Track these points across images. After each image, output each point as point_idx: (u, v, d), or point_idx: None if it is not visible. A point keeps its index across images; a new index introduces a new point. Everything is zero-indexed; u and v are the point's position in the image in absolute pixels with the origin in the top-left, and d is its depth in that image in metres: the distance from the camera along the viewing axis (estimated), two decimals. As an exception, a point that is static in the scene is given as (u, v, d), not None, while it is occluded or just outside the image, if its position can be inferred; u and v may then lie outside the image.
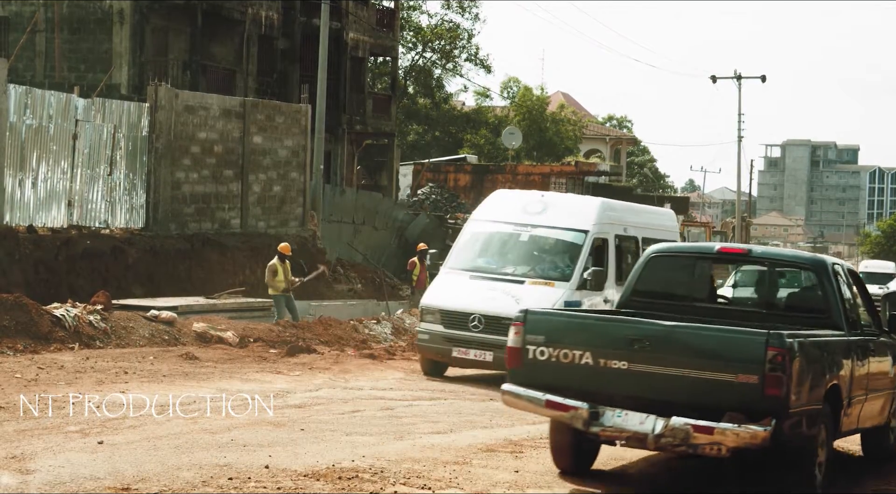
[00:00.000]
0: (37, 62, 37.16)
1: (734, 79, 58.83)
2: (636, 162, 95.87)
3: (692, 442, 8.96)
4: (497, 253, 18.65)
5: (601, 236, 18.68)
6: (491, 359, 17.13)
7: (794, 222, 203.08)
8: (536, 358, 9.64)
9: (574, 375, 9.50)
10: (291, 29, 43.63)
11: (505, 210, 19.16)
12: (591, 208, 18.98)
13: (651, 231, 20.30)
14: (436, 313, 17.91)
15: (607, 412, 9.34)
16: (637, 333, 9.36)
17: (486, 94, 74.52)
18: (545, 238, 18.53)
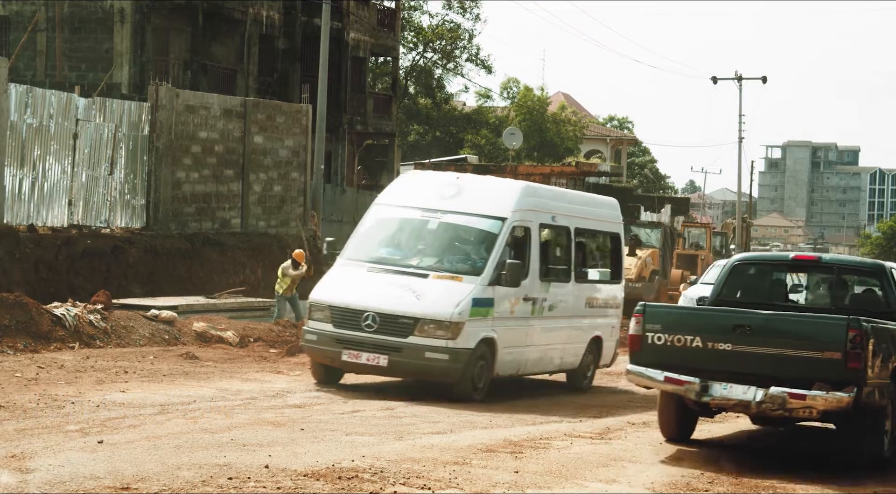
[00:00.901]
0: (38, 61, 37.17)
1: (735, 80, 58.84)
2: (637, 162, 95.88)
3: (788, 407, 11.18)
4: (401, 242, 16.44)
5: (522, 224, 16.37)
6: (386, 364, 15.07)
7: (795, 223, 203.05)
8: (654, 343, 11.74)
9: (686, 356, 11.57)
10: (292, 29, 43.64)
11: (414, 194, 16.78)
12: (511, 193, 16.58)
13: (589, 221, 18.33)
14: (325, 310, 15.59)
15: (715, 385, 11.45)
16: (740, 320, 11.48)
17: (487, 95, 74.55)
18: (457, 226, 16.21)
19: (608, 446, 12.29)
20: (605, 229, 19.03)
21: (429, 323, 15.02)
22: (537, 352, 16.84)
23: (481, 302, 15.41)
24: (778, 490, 10.65)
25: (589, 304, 18.20)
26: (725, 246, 51.85)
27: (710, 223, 65.48)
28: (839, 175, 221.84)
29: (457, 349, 15.06)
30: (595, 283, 18.57)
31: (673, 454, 12.10)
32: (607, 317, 18.83)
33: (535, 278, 16.59)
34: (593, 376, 18.64)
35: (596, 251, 19.09)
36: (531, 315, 16.51)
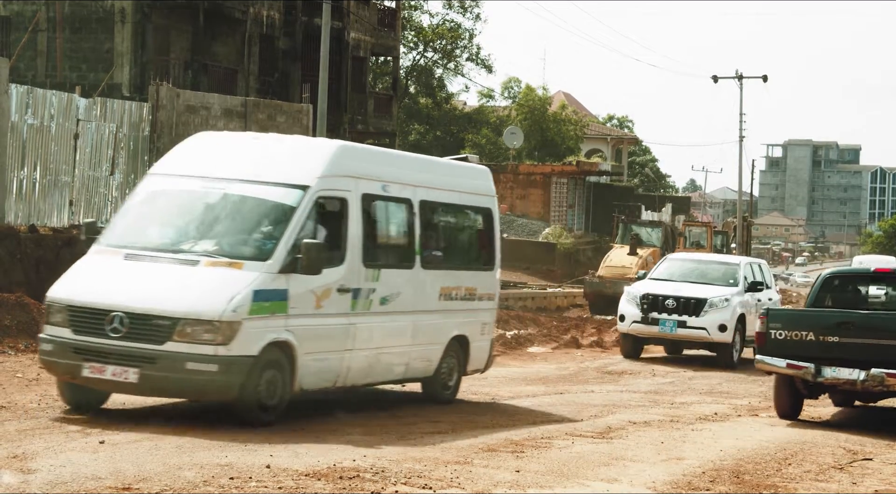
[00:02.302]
0: (38, 62, 37.17)
1: (736, 78, 58.82)
2: (637, 162, 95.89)
3: (886, 384, 14.24)
4: (174, 222, 12.93)
5: (335, 195, 12.98)
6: (136, 380, 11.61)
7: (796, 222, 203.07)
8: (776, 338, 14.77)
9: (802, 347, 14.61)
10: (293, 28, 43.64)
11: (198, 159, 13.38)
12: (320, 155, 13.13)
13: (443, 193, 15.00)
14: (63, 311, 12.15)
15: (826, 368, 14.45)
16: (845, 318, 14.63)
17: (489, 95, 74.58)
18: (245, 198, 12.79)
19: (609, 445, 12.29)
20: (471, 203, 15.65)
21: (191, 323, 11.51)
22: (365, 358, 13.36)
23: (268, 294, 11.97)
24: (779, 489, 10.65)
25: (445, 296, 14.84)
26: (726, 245, 51.81)
27: (710, 222, 65.48)
28: (840, 174, 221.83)
29: (231, 357, 11.54)
30: (454, 270, 15.15)
31: (674, 453, 12.10)
32: (476, 312, 15.45)
33: (356, 263, 13.10)
34: (458, 385, 15.40)
35: (458, 230, 15.81)
36: (352, 310, 13.03)
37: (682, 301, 22.74)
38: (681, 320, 22.66)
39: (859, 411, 16.98)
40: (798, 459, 12.25)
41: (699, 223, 55.38)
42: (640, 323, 22.96)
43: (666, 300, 22.79)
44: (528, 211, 55.36)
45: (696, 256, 27.88)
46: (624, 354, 23.62)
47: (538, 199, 56.95)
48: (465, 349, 15.29)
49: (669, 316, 22.69)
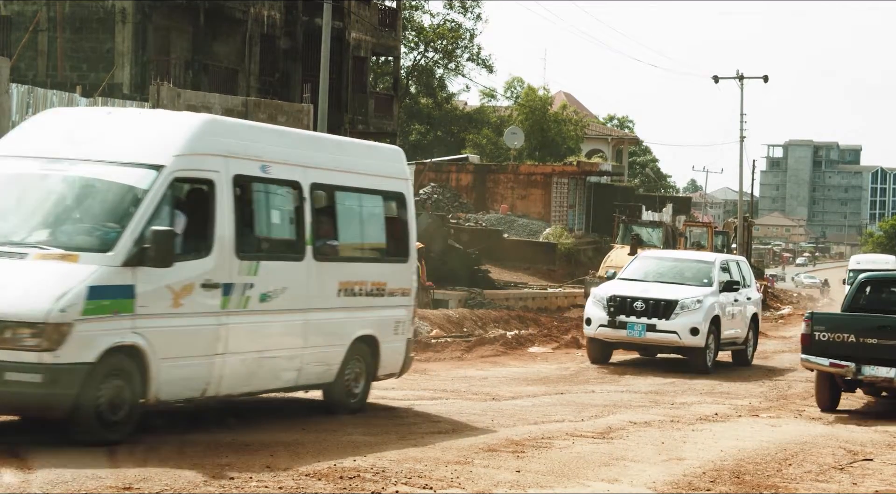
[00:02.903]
0: (39, 61, 37.17)
1: (736, 79, 58.81)
2: (638, 162, 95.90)
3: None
4: (6, 209, 11.26)
5: (198, 176, 11.40)
6: None
7: (797, 222, 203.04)
8: (820, 340, 16.05)
9: (843, 348, 15.89)
10: (294, 28, 43.65)
11: (40, 139, 11.66)
12: (180, 131, 11.47)
13: (342, 175, 13.34)
14: None
15: (865, 367, 15.77)
16: (884, 322, 15.90)
17: (491, 95, 74.62)
18: (87, 181, 11.16)
19: (610, 445, 12.29)
20: (379, 187, 14.00)
21: (11, 326, 9.98)
22: (242, 363, 11.75)
23: (108, 291, 10.39)
24: (779, 489, 10.65)
25: (346, 291, 13.19)
26: (727, 245, 51.80)
27: (711, 222, 65.47)
28: (841, 174, 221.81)
29: (59, 365, 9.98)
30: (357, 262, 13.66)
31: (675, 453, 12.10)
32: (386, 309, 13.83)
33: (227, 255, 11.47)
34: (367, 391, 13.78)
35: (362, 218, 14.06)
36: (223, 308, 11.44)
37: (652, 303, 21.10)
38: (650, 323, 20.99)
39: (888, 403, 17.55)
40: (798, 459, 12.25)
41: (700, 223, 55.37)
42: (606, 327, 21.23)
43: (634, 302, 21.15)
44: (529, 211, 55.34)
45: (669, 254, 26.21)
46: (591, 360, 21.96)
47: (539, 199, 56.93)
48: (375, 351, 13.65)
49: (638, 320, 21.01)
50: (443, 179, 56.97)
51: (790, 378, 21.45)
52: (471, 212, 51.93)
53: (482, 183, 57.72)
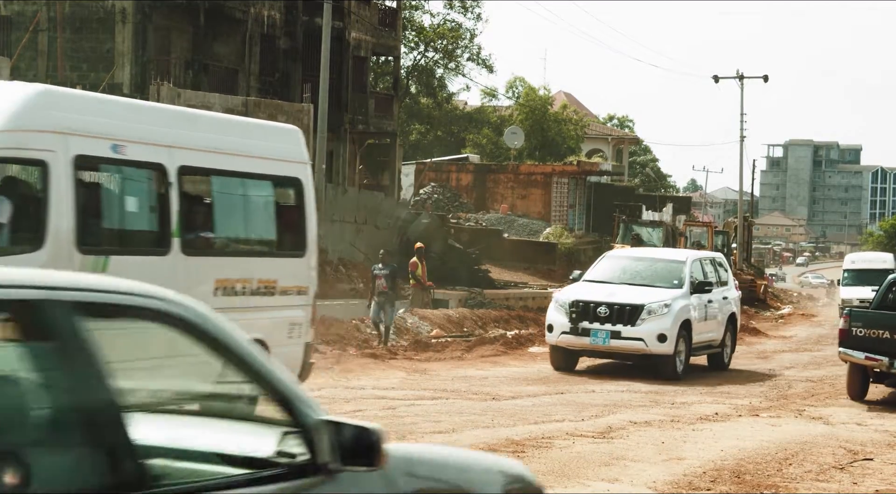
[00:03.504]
0: (39, 61, 37.17)
1: (736, 78, 58.79)
2: (638, 161, 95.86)
3: None
4: None
5: (27, 156, 10.05)
6: None
7: (797, 222, 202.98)
8: (857, 335, 17.25)
9: (879, 343, 16.98)
10: (294, 28, 43.64)
11: None
12: (3, 103, 10.05)
13: (219, 157, 11.74)
14: None
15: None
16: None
17: (492, 94, 74.59)
18: None
19: (610, 445, 12.28)
20: (269, 171, 12.43)
21: None
22: None
23: None
24: (780, 489, 10.65)
25: (225, 290, 11.68)
26: (727, 244, 51.78)
27: (711, 222, 65.47)
28: (841, 174, 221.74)
29: None
30: (239, 257, 12.16)
31: (675, 453, 12.10)
32: (277, 310, 12.33)
33: (66, 248, 10.06)
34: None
35: (247, 207, 12.62)
36: None
37: (616, 308, 19.60)
38: (614, 330, 19.49)
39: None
40: (799, 459, 12.25)
41: (700, 223, 55.37)
42: (569, 335, 19.71)
43: (598, 307, 19.65)
44: (529, 211, 55.35)
45: (638, 253, 24.27)
46: (555, 367, 20.39)
47: (539, 199, 56.93)
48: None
49: (602, 326, 19.50)
50: (443, 179, 56.96)
51: (790, 377, 21.44)
52: (471, 211, 51.93)
53: (482, 182, 57.71)
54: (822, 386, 19.92)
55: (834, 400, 18.01)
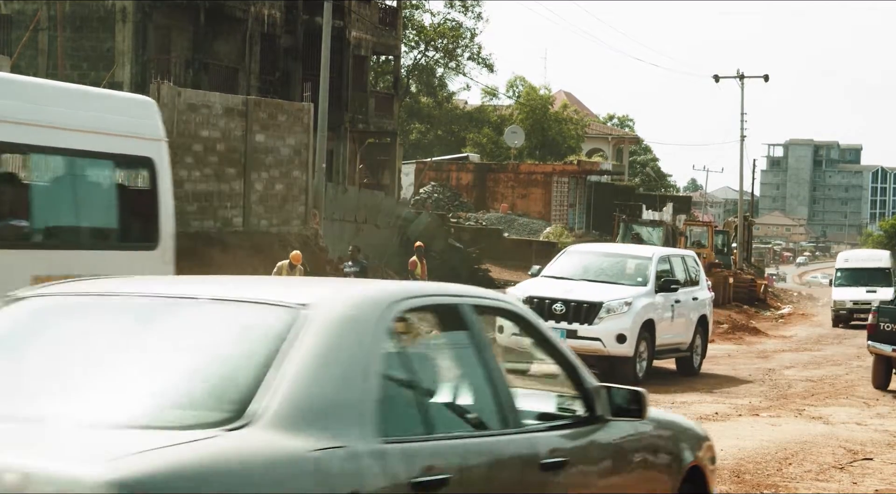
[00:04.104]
0: (39, 60, 37.16)
1: (737, 78, 58.78)
2: (638, 161, 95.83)
3: None
4: None
5: None
6: None
7: (797, 222, 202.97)
8: (884, 329, 18.65)
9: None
10: (294, 27, 43.63)
11: None
12: None
13: (42, 132, 9.97)
14: None
15: None
16: None
17: (493, 93, 74.60)
18: None
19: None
20: (110, 149, 10.69)
21: None
22: None
23: None
24: (780, 489, 10.65)
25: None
26: (727, 244, 51.79)
27: (711, 221, 65.48)
28: (841, 173, 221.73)
29: None
30: (62, 249, 10.49)
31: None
32: None
33: None
34: None
35: (82, 190, 10.87)
36: None
37: (573, 305, 18.42)
38: (570, 329, 18.23)
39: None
40: (798, 459, 12.25)
41: (700, 222, 55.37)
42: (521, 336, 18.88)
43: (553, 304, 18.50)
44: (529, 210, 55.36)
45: (602, 248, 22.82)
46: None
47: (539, 199, 56.95)
48: None
49: (557, 325, 18.17)
50: (443, 178, 56.98)
51: (790, 377, 21.43)
52: (471, 211, 51.93)
53: (482, 182, 57.72)
54: (821, 386, 19.92)
55: (834, 399, 18.01)
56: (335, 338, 4.22)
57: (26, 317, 4.69)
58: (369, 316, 4.43)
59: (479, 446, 4.68)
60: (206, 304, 4.54)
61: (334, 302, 4.46)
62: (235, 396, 3.91)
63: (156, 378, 4.09)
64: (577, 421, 5.47)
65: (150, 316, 4.50)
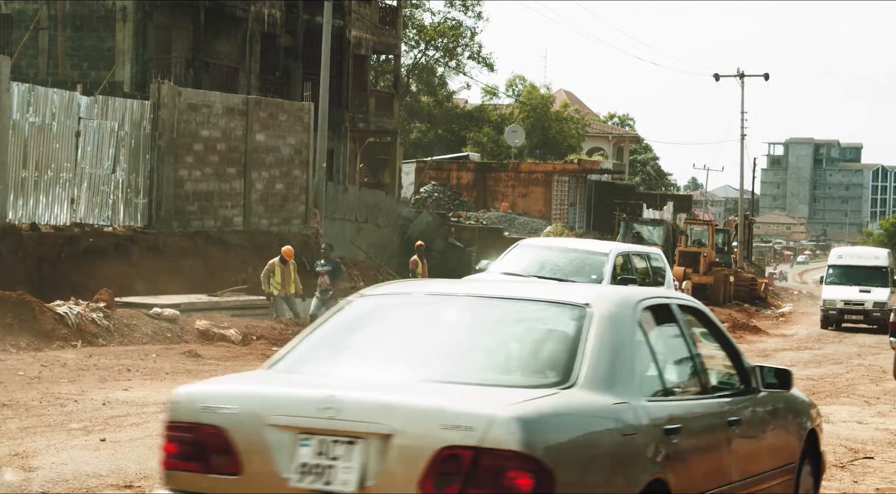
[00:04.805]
0: (40, 60, 37.16)
1: (737, 77, 58.78)
2: (639, 160, 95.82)
3: None
4: None
5: None
6: None
7: (797, 220, 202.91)
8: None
9: None
10: (294, 27, 43.62)
11: None
12: None
13: None
14: None
15: None
16: None
17: (493, 92, 74.60)
18: None
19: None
20: None
21: None
22: None
23: None
24: (781, 487, 10.64)
25: None
26: (728, 243, 51.79)
27: (712, 220, 65.47)
28: (842, 172, 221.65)
29: None
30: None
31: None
32: None
33: None
34: None
35: None
36: None
37: None
38: None
39: None
40: (799, 457, 12.24)
41: (701, 221, 55.36)
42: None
43: None
44: (530, 209, 55.37)
45: (556, 243, 21.19)
46: None
47: (540, 198, 56.97)
48: None
49: None
50: (443, 177, 56.98)
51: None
52: (471, 210, 51.94)
53: (483, 181, 57.72)
54: (822, 385, 19.90)
55: (834, 398, 18.00)
56: (610, 328, 5.98)
57: (383, 309, 6.49)
58: (627, 312, 6.23)
59: (697, 406, 6.56)
60: (520, 303, 6.36)
61: (605, 302, 6.19)
62: (560, 367, 5.75)
63: (503, 354, 5.99)
64: (739, 392, 7.17)
65: (482, 310, 6.33)
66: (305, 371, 5.92)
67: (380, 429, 5.21)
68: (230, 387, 5.78)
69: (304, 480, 5.27)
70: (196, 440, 5.49)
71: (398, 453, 5.17)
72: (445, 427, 5.12)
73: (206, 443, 5.46)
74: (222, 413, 5.46)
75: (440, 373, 5.72)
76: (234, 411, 5.45)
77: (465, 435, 5.10)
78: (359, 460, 5.24)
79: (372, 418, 5.23)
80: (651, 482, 5.72)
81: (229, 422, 5.43)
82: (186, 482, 5.50)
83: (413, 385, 5.60)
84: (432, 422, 5.15)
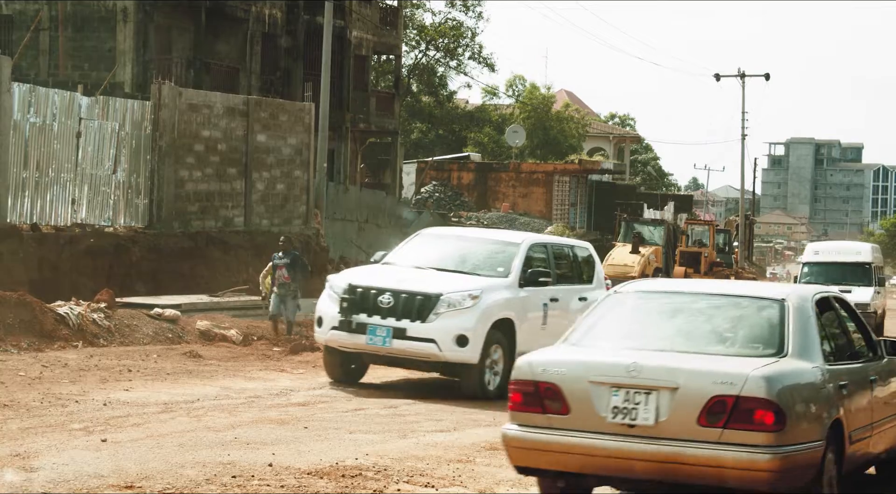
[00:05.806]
0: (40, 60, 37.17)
1: (738, 77, 58.79)
2: (640, 160, 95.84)
3: None
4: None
5: None
6: None
7: (798, 220, 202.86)
8: None
9: None
10: (295, 27, 43.64)
11: None
12: None
13: None
14: None
15: None
16: None
17: (494, 93, 74.59)
18: None
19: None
20: None
21: None
22: None
23: None
24: (782, 487, 10.68)
25: None
26: (729, 243, 51.78)
27: (713, 220, 65.46)
28: (842, 172, 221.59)
29: None
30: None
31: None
32: None
33: None
34: None
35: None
36: None
37: (404, 297, 14.79)
38: (399, 327, 14.74)
39: None
40: (800, 457, 12.27)
41: (701, 221, 55.35)
42: (339, 330, 15.03)
43: (380, 295, 14.87)
44: (531, 209, 55.37)
45: (461, 232, 18.58)
46: (329, 375, 15.85)
47: (540, 198, 56.96)
48: None
49: (382, 321, 14.79)
50: (444, 178, 56.98)
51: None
52: (472, 210, 51.95)
53: (483, 181, 57.72)
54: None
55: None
56: (802, 315, 8.68)
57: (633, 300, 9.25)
58: (809, 304, 8.90)
59: (854, 368, 9.18)
60: (737, 298, 9.02)
61: (795, 297, 8.86)
62: (776, 343, 8.47)
63: (735, 334, 8.65)
64: (871, 358, 9.75)
65: (711, 303, 9.00)
66: (590, 345, 8.63)
67: (670, 384, 7.90)
68: (559, 356, 8.45)
69: (616, 417, 7.96)
70: (536, 391, 8.24)
71: (682, 400, 7.86)
72: (715, 383, 7.84)
73: (543, 394, 8.21)
74: (555, 373, 8.23)
75: (693, 347, 8.41)
76: (564, 371, 8.21)
77: (729, 387, 7.81)
78: (654, 404, 7.92)
79: (664, 377, 7.93)
80: (833, 422, 8.32)
81: (560, 379, 8.19)
82: (528, 419, 8.27)
83: (683, 355, 8.27)
84: (707, 380, 7.88)
